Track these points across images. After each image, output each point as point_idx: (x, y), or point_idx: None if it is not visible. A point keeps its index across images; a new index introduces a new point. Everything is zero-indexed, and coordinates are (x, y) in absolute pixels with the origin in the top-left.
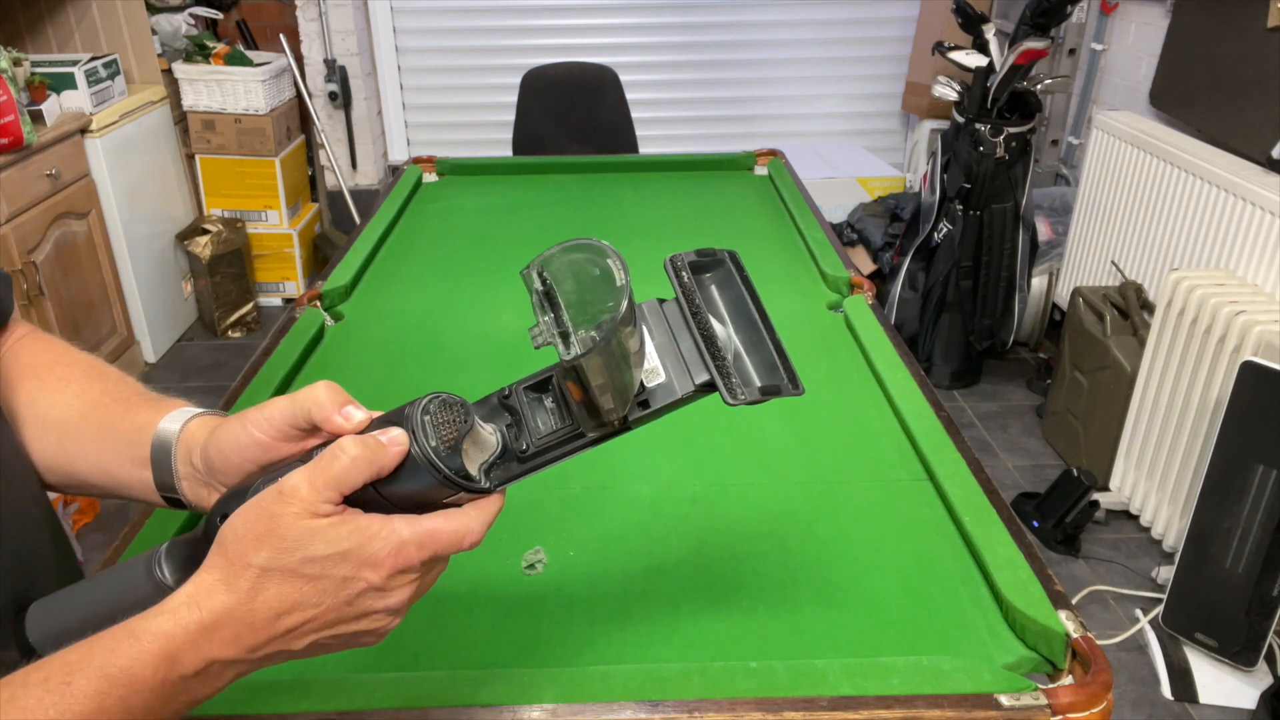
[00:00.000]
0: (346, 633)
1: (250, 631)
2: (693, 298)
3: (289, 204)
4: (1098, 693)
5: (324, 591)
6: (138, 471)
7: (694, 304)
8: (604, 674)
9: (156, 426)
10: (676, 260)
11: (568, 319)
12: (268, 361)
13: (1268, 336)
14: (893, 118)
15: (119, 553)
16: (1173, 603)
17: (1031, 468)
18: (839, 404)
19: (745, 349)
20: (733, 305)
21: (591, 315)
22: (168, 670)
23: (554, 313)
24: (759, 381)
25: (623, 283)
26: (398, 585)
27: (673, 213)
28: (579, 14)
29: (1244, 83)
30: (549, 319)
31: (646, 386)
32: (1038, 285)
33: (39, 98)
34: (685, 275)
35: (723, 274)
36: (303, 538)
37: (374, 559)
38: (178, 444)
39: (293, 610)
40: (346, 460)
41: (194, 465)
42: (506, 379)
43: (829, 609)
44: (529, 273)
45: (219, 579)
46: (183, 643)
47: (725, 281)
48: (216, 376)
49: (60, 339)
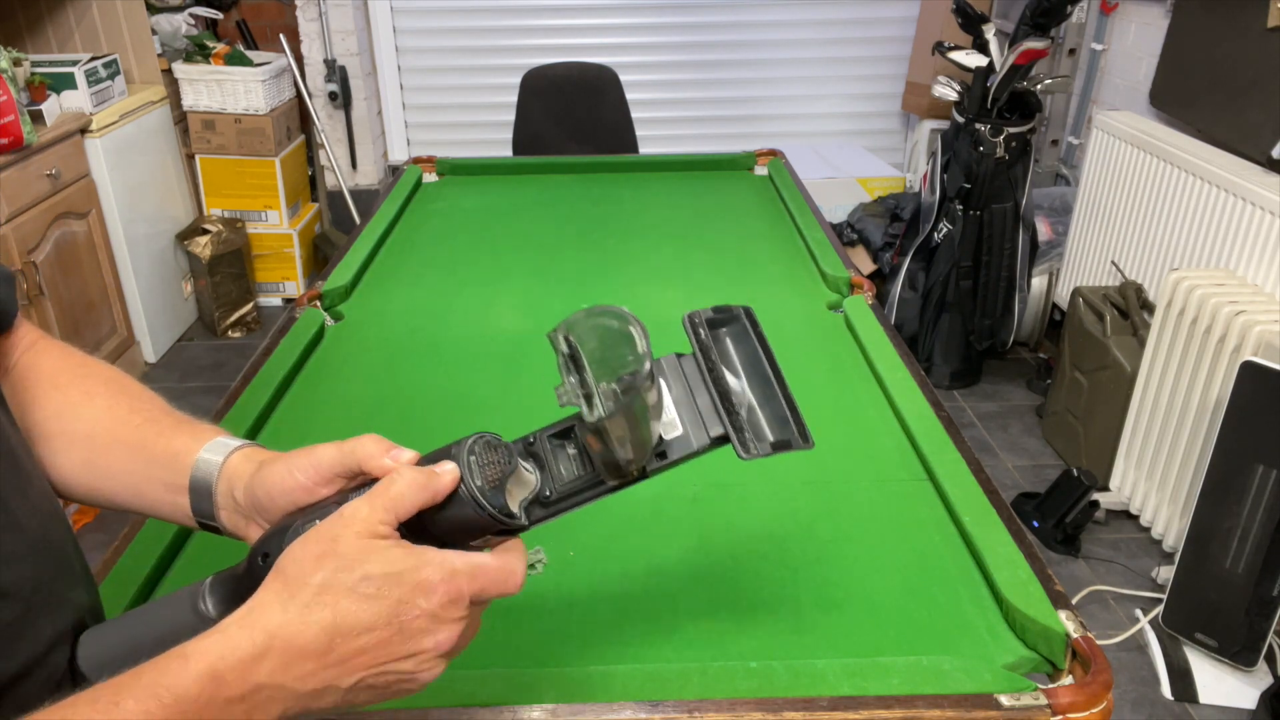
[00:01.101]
0: (394, 671)
1: (300, 658)
2: (709, 353)
3: (289, 204)
4: (1098, 693)
5: (378, 615)
6: (171, 496)
7: (710, 359)
8: (604, 674)
9: (195, 456)
10: (695, 317)
11: (591, 380)
12: (268, 361)
13: (1268, 336)
14: (893, 118)
15: (119, 553)
16: (1173, 603)
17: (1031, 468)
18: (839, 404)
19: (759, 402)
20: (747, 359)
21: (613, 375)
22: (214, 690)
23: (578, 374)
24: (771, 436)
25: (643, 349)
26: (448, 618)
27: (673, 213)
28: (579, 14)
29: (1244, 83)
30: (574, 380)
31: (664, 439)
32: (1038, 285)
33: (39, 98)
34: (702, 331)
35: (738, 329)
36: (361, 555)
37: (428, 584)
38: (219, 478)
39: (347, 635)
40: (403, 484)
41: (235, 499)
42: (506, 379)
43: (829, 609)
44: (555, 336)
45: (274, 598)
46: (231, 662)
47: (740, 336)
48: (216, 376)
49: (71, 346)
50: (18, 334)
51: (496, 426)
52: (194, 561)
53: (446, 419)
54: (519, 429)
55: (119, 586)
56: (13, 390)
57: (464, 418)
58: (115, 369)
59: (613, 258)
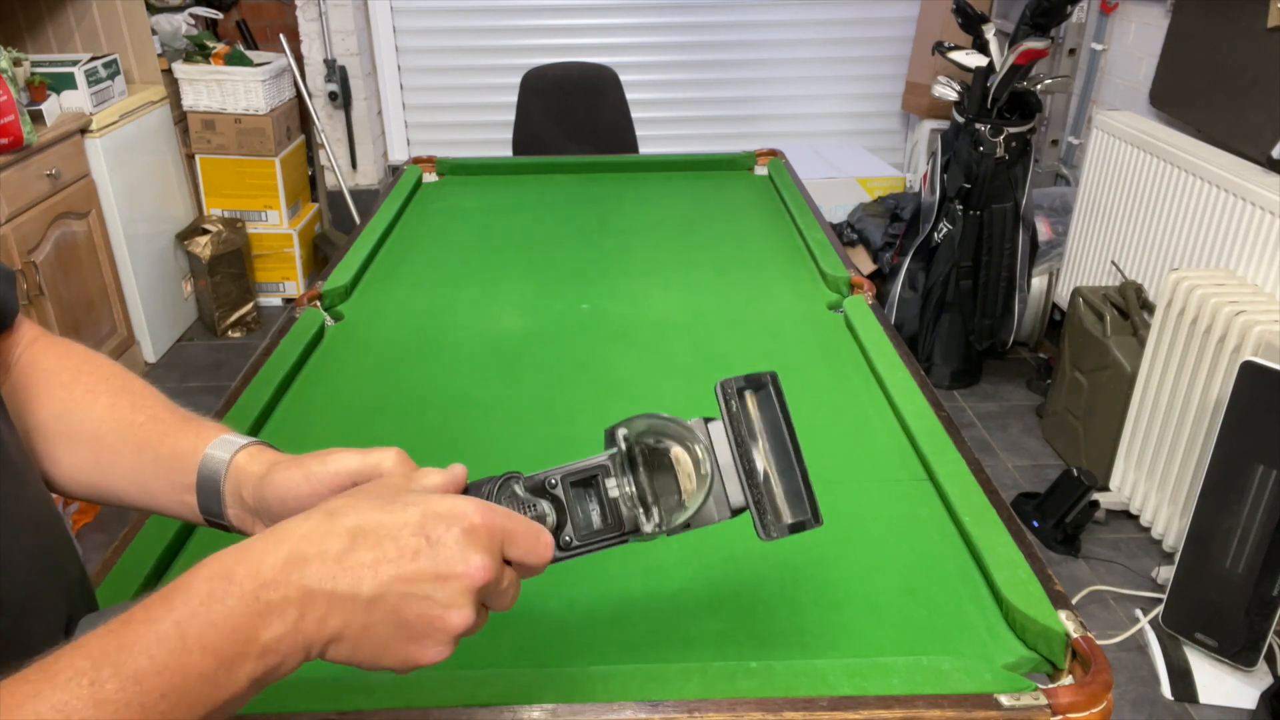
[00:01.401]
0: (421, 594)
1: (320, 556)
2: (739, 428)
3: (289, 204)
4: (1098, 693)
5: (407, 522)
6: (179, 495)
7: (740, 435)
8: (604, 674)
9: (201, 454)
10: (727, 387)
11: (647, 488)
12: (268, 361)
13: (1268, 336)
14: (893, 118)
15: (118, 553)
16: (1173, 603)
17: (1031, 468)
18: (839, 404)
19: (775, 472)
20: (769, 427)
21: (673, 502)
22: (224, 587)
23: (632, 476)
24: (788, 516)
25: (707, 472)
26: (481, 547)
27: (673, 213)
28: (579, 14)
29: (1244, 83)
30: (626, 480)
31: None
32: (1038, 285)
33: (39, 98)
34: (734, 404)
35: (764, 396)
36: (393, 488)
37: (460, 511)
38: (227, 477)
39: (371, 535)
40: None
41: (243, 498)
42: (506, 379)
43: (829, 609)
44: (615, 432)
45: (300, 517)
46: (242, 558)
47: (765, 403)
48: (216, 376)
49: (75, 342)
50: (19, 332)
51: (496, 426)
52: (194, 562)
53: (446, 419)
54: (518, 429)
55: (119, 586)
56: (14, 389)
57: (464, 418)
58: (117, 365)
59: (612, 257)
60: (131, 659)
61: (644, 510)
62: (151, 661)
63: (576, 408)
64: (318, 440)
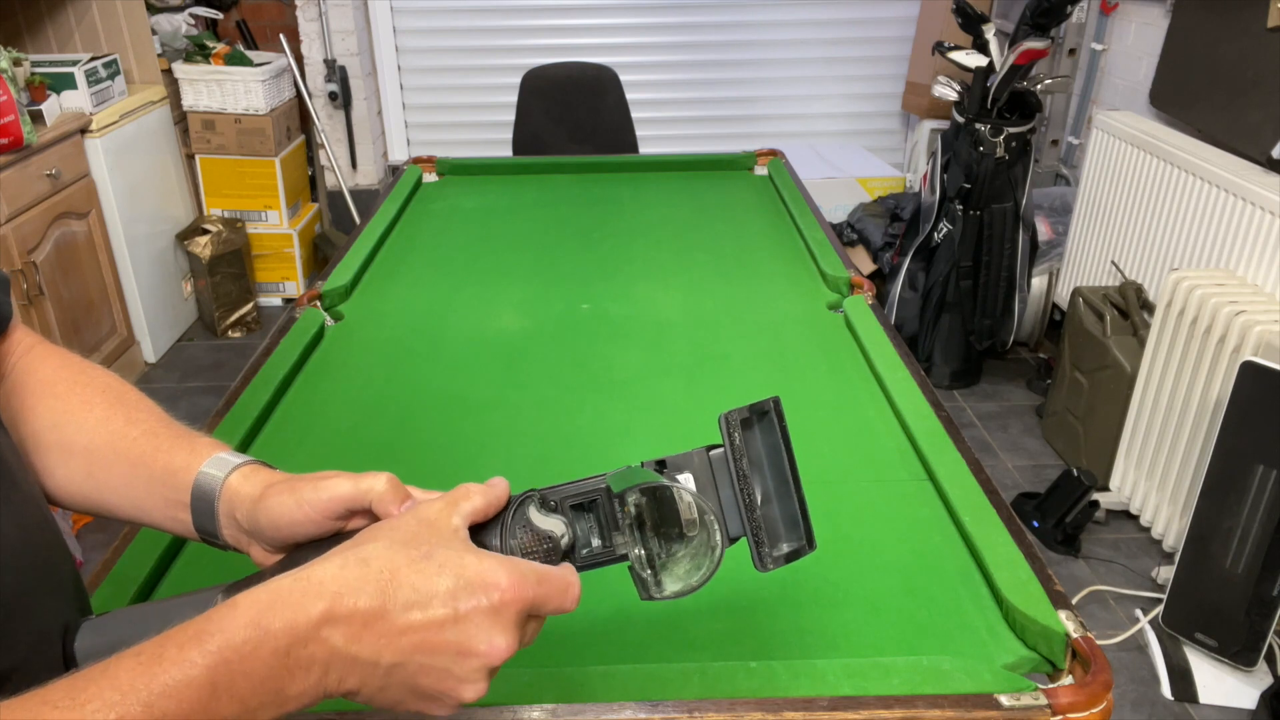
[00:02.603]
0: (438, 668)
1: (350, 617)
2: (741, 461)
3: (289, 204)
4: (1098, 693)
5: (437, 592)
6: (172, 512)
7: (742, 469)
8: (604, 674)
9: (195, 471)
10: (730, 419)
11: (656, 552)
12: (268, 361)
13: (1268, 336)
14: (893, 118)
15: (118, 553)
16: (1173, 603)
17: (1031, 468)
18: (839, 404)
19: (773, 496)
20: (770, 453)
21: (681, 569)
22: (259, 639)
23: (640, 535)
24: (785, 545)
25: (718, 550)
26: (506, 622)
27: (673, 213)
28: (579, 14)
29: (1244, 83)
30: (639, 550)
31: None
32: (1038, 285)
33: (39, 98)
34: (737, 436)
35: (766, 422)
36: (430, 536)
37: (493, 581)
38: (220, 498)
39: (402, 604)
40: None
41: (237, 520)
42: (506, 379)
43: (829, 609)
44: (626, 497)
45: (334, 559)
46: (280, 610)
47: (767, 429)
48: (216, 376)
49: (71, 352)
50: (14, 338)
51: (496, 426)
52: (194, 562)
53: (446, 419)
54: (518, 429)
55: (119, 586)
56: (8, 396)
57: (464, 418)
58: (113, 375)
59: (612, 258)
60: (161, 700)
61: (653, 571)
62: (179, 705)
63: (576, 408)
64: (317, 440)
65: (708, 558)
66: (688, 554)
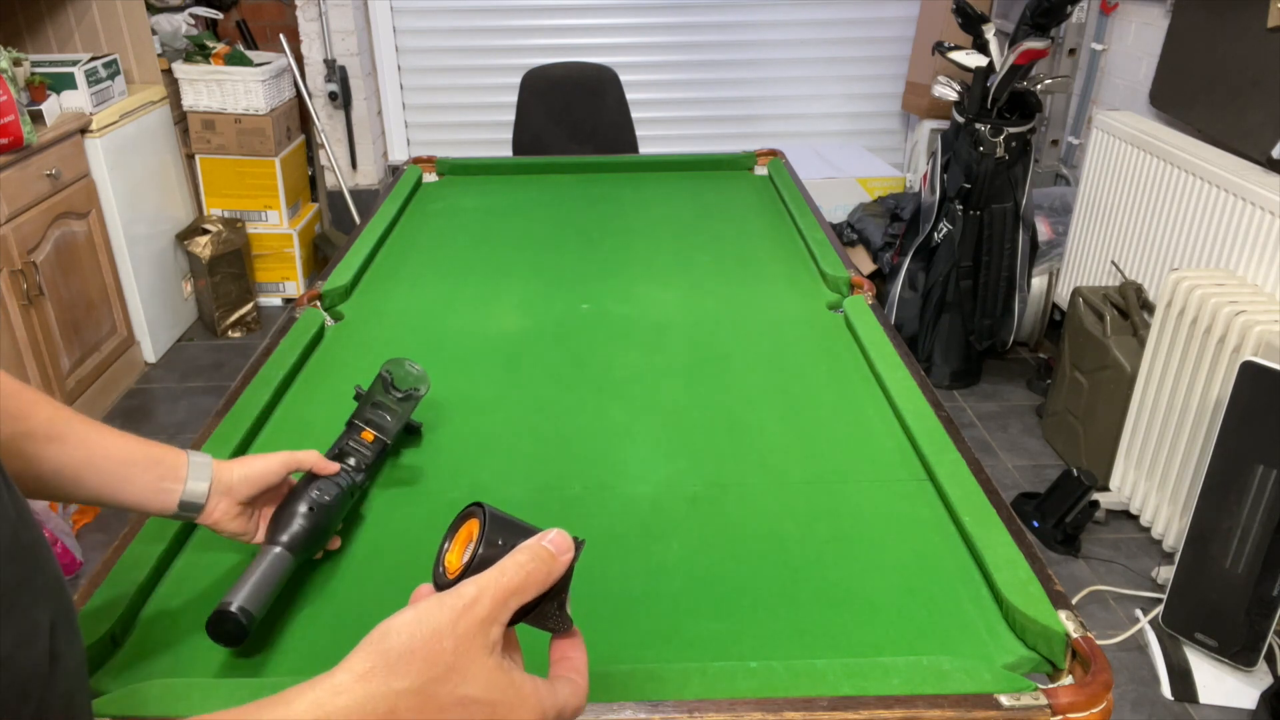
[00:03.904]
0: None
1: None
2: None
3: (289, 204)
4: (1098, 693)
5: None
6: (164, 484)
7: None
8: (604, 674)
9: (184, 457)
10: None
11: None
12: (268, 361)
13: (1268, 336)
14: (893, 118)
15: (119, 553)
16: (1173, 603)
17: (1031, 468)
18: (839, 404)
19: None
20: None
21: None
22: None
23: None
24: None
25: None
26: (482, 643)
27: (673, 213)
28: (579, 14)
29: (1244, 83)
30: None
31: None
32: (1038, 285)
33: (39, 98)
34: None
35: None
36: (463, 666)
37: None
38: (215, 475)
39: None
40: (523, 575)
41: (222, 484)
42: (506, 379)
43: (829, 609)
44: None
45: (357, 679)
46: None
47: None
48: (216, 376)
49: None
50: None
51: (497, 426)
52: (194, 563)
53: (446, 419)
54: (518, 429)
55: (119, 587)
56: (5, 399)
57: (464, 418)
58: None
59: (612, 258)
60: None
61: None
62: None
63: (576, 408)
64: (318, 440)
65: None
66: None
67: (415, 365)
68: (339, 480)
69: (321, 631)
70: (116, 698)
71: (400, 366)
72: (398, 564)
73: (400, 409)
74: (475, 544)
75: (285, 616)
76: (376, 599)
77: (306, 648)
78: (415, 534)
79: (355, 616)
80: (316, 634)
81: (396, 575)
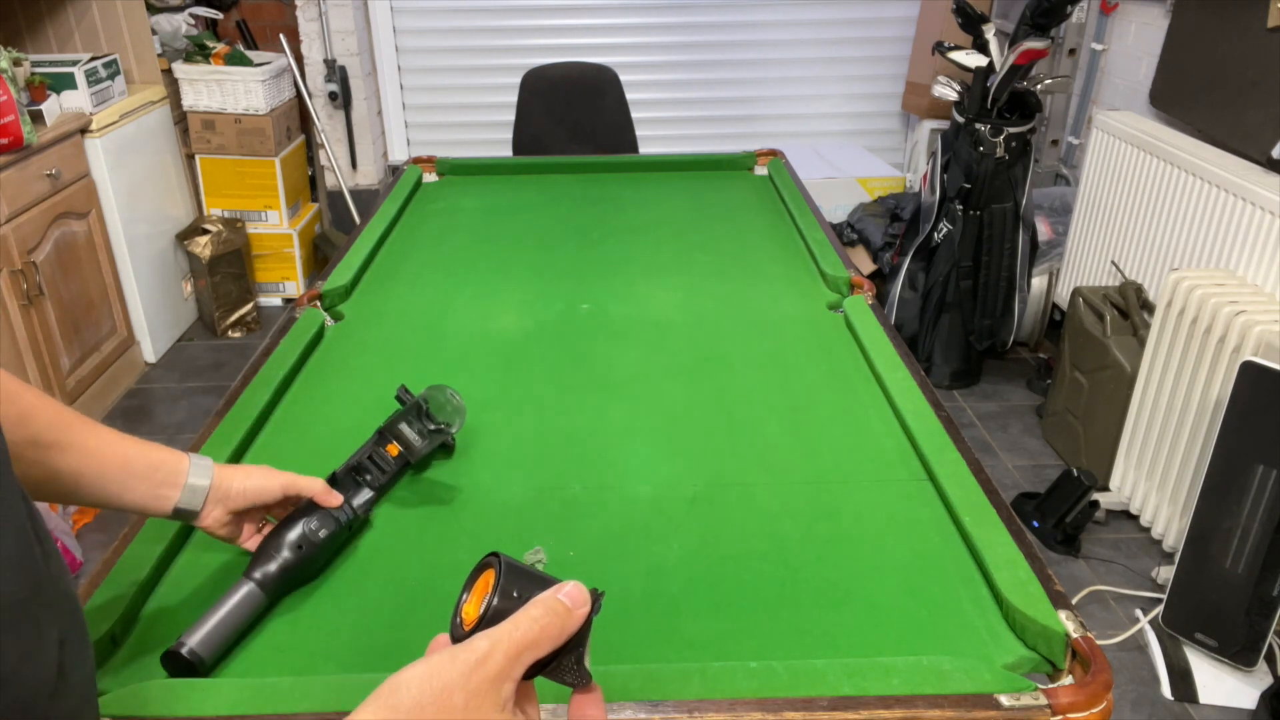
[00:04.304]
0: None
1: None
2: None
3: (289, 204)
4: (1098, 693)
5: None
6: (160, 492)
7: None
8: (604, 674)
9: (184, 462)
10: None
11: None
12: (268, 361)
13: (1268, 336)
14: (893, 118)
15: (118, 553)
16: (1173, 603)
17: (1031, 468)
18: (839, 404)
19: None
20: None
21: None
22: None
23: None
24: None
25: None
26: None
27: (673, 213)
28: (579, 14)
29: (1244, 83)
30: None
31: None
32: (1038, 285)
33: (39, 98)
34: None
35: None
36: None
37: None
38: (214, 484)
39: None
40: (536, 630)
41: (221, 489)
42: (506, 379)
43: (829, 609)
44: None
45: None
46: None
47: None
48: (216, 376)
49: None
50: None
51: (496, 426)
52: (194, 562)
53: None
54: (518, 428)
55: (119, 587)
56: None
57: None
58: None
59: (612, 258)
60: None
61: None
62: None
63: (576, 408)
64: (317, 440)
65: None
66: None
67: (456, 396)
68: (338, 514)
69: (321, 631)
70: (116, 698)
71: (441, 393)
72: (397, 564)
73: (430, 439)
74: (490, 595)
75: (285, 616)
76: (376, 599)
77: (306, 647)
78: (415, 534)
79: (355, 616)
80: (316, 634)
81: (396, 575)
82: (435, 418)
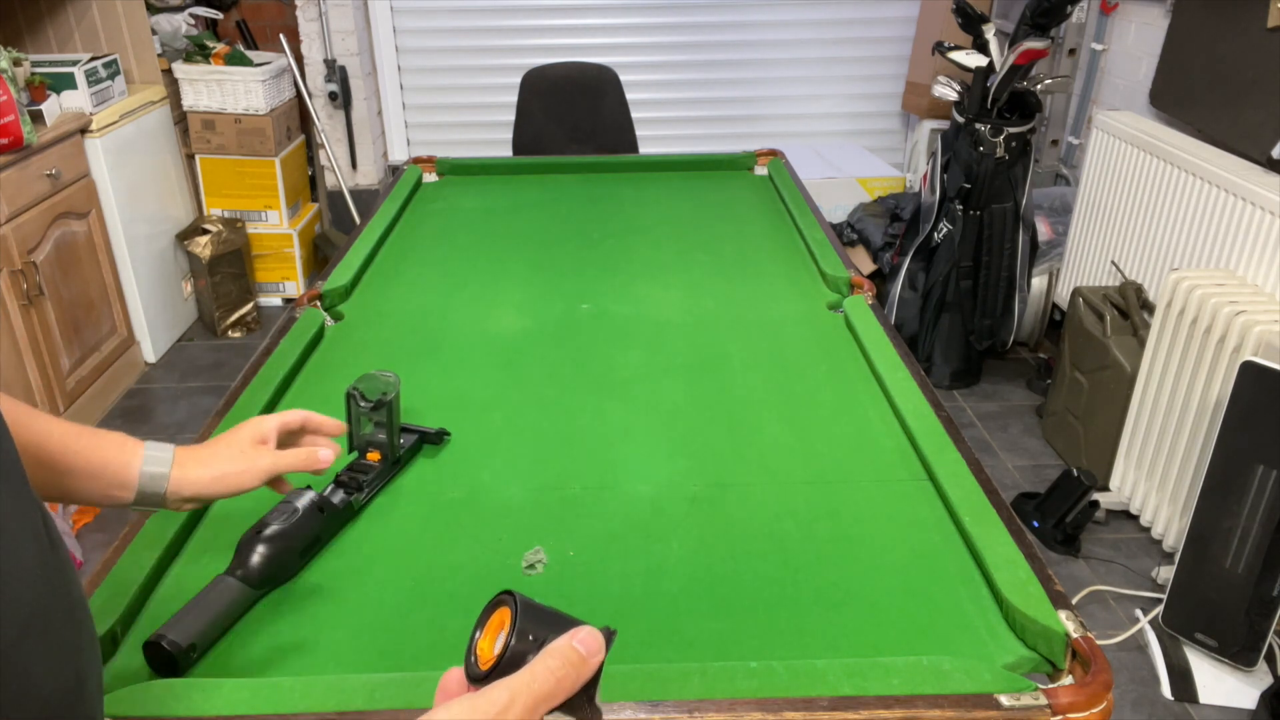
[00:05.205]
0: None
1: None
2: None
3: (289, 204)
4: (1098, 693)
5: None
6: (112, 493)
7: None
8: (604, 674)
9: (137, 459)
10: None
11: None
12: (268, 361)
13: (1268, 336)
14: (893, 118)
15: (118, 553)
16: (1173, 603)
17: (1031, 468)
18: (839, 404)
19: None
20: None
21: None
22: None
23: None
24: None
25: None
26: None
27: (673, 213)
28: (579, 14)
29: (1244, 83)
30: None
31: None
32: (1038, 285)
33: (39, 98)
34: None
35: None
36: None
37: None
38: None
39: None
40: (554, 681)
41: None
42: (506, 379)
43: (829, 609)
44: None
45: None
46: None
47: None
48: (216, 376)
49: None
50: None
51: (496, 426)
52: (193, 563)
53: (446, 419)
54: (518, 429)
55: (119, 587)
56: None
57: (464, 418)
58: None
59: (612, 257)
60: None
61: None
62: None
63: (576, 408)
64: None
65: None
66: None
67: (385, 373)
68: (321, 503)
69: (321, 631)
70: (116, 698)
71: (369, 380)
72: (397, 563)
73: (382, 417)
74: (509, 635)
75: (285, 616)
76: (376, 599)
77: (305, 647)
78: (415, 533)
79: (355, 616)
80: (316, 634)
81: (396, 575)
82: (369, 398)
